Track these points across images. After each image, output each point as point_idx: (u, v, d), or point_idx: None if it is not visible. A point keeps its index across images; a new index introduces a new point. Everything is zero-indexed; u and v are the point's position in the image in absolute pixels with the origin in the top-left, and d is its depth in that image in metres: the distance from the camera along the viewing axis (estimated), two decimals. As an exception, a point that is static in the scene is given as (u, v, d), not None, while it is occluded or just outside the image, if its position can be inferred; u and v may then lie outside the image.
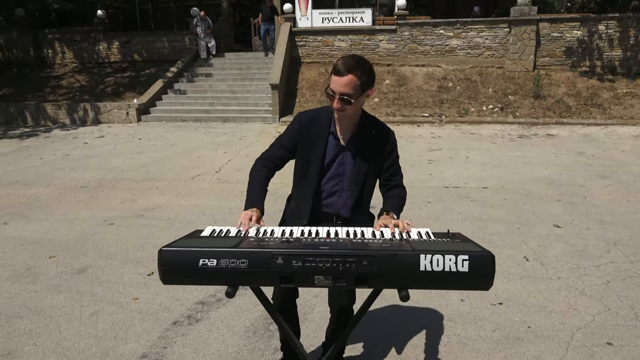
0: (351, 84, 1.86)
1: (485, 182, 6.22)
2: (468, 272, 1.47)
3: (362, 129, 2.05)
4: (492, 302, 3.18)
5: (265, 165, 2.10)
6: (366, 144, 2.04)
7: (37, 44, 16.06)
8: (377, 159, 2.07)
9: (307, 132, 2.06)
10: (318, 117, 2.07)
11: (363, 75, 1.87)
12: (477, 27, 13.19)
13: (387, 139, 2.07)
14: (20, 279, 3.64)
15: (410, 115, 11.69)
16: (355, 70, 1.86)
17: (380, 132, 2.07)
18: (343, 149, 2.05)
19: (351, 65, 1.86)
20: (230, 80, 13.58)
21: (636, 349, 2.65)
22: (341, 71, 1.86)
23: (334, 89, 1.88)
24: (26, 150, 9.14)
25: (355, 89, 1.87)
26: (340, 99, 1.89)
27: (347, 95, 1.87)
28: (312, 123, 2.07)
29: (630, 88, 12.05)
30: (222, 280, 1.54)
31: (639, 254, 3.90)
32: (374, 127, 2.06)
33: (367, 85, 1.91)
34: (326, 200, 2.09)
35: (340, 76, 1.86)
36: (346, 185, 2.07)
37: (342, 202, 2.09)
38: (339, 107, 1.91)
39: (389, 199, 2.07)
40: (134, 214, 5.17)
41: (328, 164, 2.06)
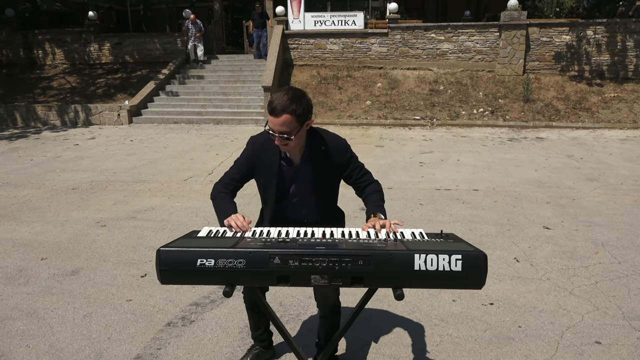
0: (287, 122, 1.89)
1: (476, 185, 6.29)
2: (461, 272, 1.51)
3: (311, 148, 2.09)
4: (483, 302, 3.23)
5: (226, 187, 2.15)
6: (318, 160, 2.09)
7: (27, 44, 15.93)
8: (334, 171, 2.13)
9: (259, 158, 2.12)
10: (269, 143, 2.08)
11: (298, 109, 1.89)
12: (467, 32, 13.32)
13: (338, 149, 2.12)
14: (12, 281, 3.62)
15: (401, 118, 11.76)
16: (290, 108, 1.88)
17: (331, 146, 2.11)
18: (297, 170, 2.11)
19: (285, 103, 1.88)
20: (222, 83, 13.57)
21: (624, 347, 2.70)
22: (276, 111, 1.88)
23: (273, 128, 1.92)
24: (16, 152, 9.06)
25: (293, 125, 1.90)
26: (279, 137, 1.92)
27: (285, 134, 1.91)
28: (263, 149, 2.11)
29: (618, 92, 12.25)
30: (220, 280, 1.57)
31: (626, 255, 3.98)
32: (323, 143, 2.10)
33: (304, 118, 1.94)
34: (293, 214, 2.19)
35: (275, 117, 1.89)
36: (308, 200, 2.15)
37: (308, 213, 2.18)
38: (280, 143, 1.96)
39: (368, 198, 2.14)
40: (126, 215, 5.16)
41: (287, 187, 2.14)
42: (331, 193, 2.21)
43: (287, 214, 2.20)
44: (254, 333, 2.56)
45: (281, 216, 2.20)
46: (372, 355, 2.67)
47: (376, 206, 2.06)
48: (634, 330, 2.87)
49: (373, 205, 2.07)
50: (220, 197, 2.11)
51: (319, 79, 13.46)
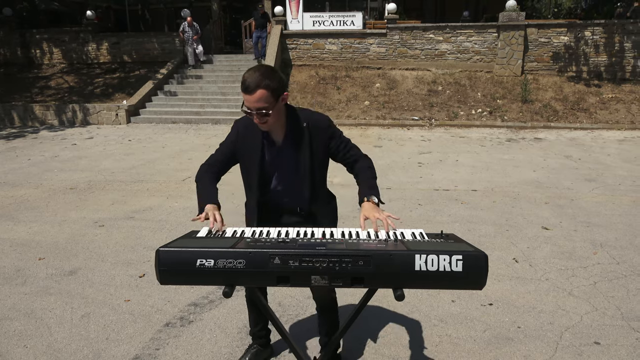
0: (263, 97, 1.86)
1: (474, 185, 6.30)
2: (462, 272, 1.51)
3: (292, 125, 2.06)
4: (482, 302, 3.23)
5: (210, 170, 2.14)
6: (300, 137, 2.06)
7: (25, 44, 15.89)
8: (319, 148, 2.09)
9: (243, 140, 2.10)
10: (252, 125, 2.07)
11: (272, 84, 1.87)
12: (466, 32, 13.34)
13: (320, 125, 2.09)
14: (10, 281, 3.60)
15: (400, 119, 11.77)
16: (263, 82, 1.85)
17: (312, 121, 2.08)
18: (280, 149, 2.08)
19: (258, 79, 1.85)
20: (220, 83, 13.56)
21: (623, 348, 2.70)
22: (250, 88, 1.85)
23: (249, 106, 1.89)
24: (13, 151, 9.03)
25: (269, 100, 1.88)
26: (257, 114, 1.90)
27: (263, 109, 1.88)
28: (248, 129, 2.09)
29: (616, 93, 12.28)
30: (220, 281, 1.56)
31: (625, 256, 3.98)
32: (304, 119, 2.07)
33: (279, 92, 1.91)
34: (282, 200, 2.15)
35: (250, 94, 1.86)
36: (293, 182, 2.10)
37: (298, 198, 2.13)
38: (259, 121, 1.93)
39: (359, 175, 2.11)
40: (124, 215, 5.14)
41: (270, 168, 2.10)
42: (319, 173, 2.14)
43: (273, 199, 2.14)
44: (253, 329, 2.55)
45: (266, 202, 2.14)
46: (371, 355, 2.66)
47: (368, 187, 2.02)
48: (633, 331, 2.87)
49: (365, 186, 2.04)
50: (203, 181, 2.09)
51: (318, 79, 13.46)
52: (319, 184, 2.15)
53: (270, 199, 2.15)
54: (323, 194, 2.21)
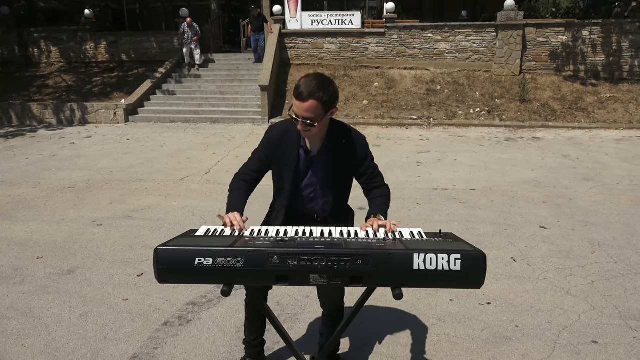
0: (312, 108, 1.86)
1: (473, 184, 6.30)
2: (460, 271, 1.51)
3: (331, 139, 2.06)
4: (480, 302, 3.23)
5: (244, 179, 2.14)
6: (336, 152, 2.07)
7: (23, 42, 15.84)
8: (349, 165, 2.10)
9: (278, 148, 2.09)
10: (288, 132, 2.08)
11: (325, 97, 1.87)
12: (464, 31, 13.34)
13: (357, 145, 2.10)
14: (7, 280, 3.60)
15: (398, 118, 11.77)
16: (317, 94, 1.85)
17: (351, 140, 2.09)
18: (314, 160, 2.09)
19: (312, 88, 1.85)
20: (219, 82, 13.54)
21: (620, 347, 2.71)
22: (303, 96, 1.85)
23: (297, 113, 1.88)
24: (11, 150, 9.01)
25: (318, 112, 1.88)
26: (303, 123, 1.90)
27: (310, 120, 1.88)
28: (282, 138, 2.09)
29: (614, 93, 12.30)
30: (218, 279, 1.56)
31: (622, 255, 3.99)
32: (343, 135, 2.08)
33: (330, 105, 1.91)
34: (304, 207, 2.16)
35: (301, 101, 1.85)
36: (321, 193, 2.12)
37: (320, 208, 2.15)
38: (303, 129, 1.93)
39: (374, 200, 2.12)
40: (122, 214, 5.13)
41: (302, 176, 2.10)
42: (344, 188, 2.17)
43: (299, 206, 2.16)
44: (248, 337, 2.48)
45: (293, 208, 2.16)
46: (369, 355, 2.67)
47: (379, 209, 2.04)
48: (631, 330, 2.88)
49: (376, 207, 2.06)
50: (233, 192, 2.10)
51: (316, 78, 13.43)
52: (341, 197, 2.18)
53: (296, 205, 2.16)
54: (343, 207, 2.24)
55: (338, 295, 2.34)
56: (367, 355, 2.66)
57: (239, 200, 2.06)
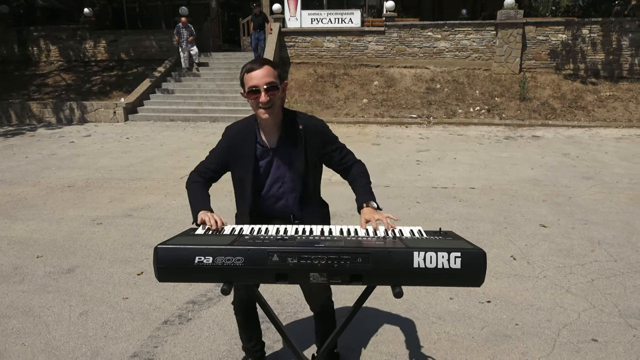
0: (270, 73, 1.90)
1: (472, 183, 6.30)
2: (460, 269, 1.51)
3: (288, 127, 2.03)
4: (480, 300, 3.23)
5: (200, 176, 2.10)
6: (295, 140, 2.02)
7: (22, 41, 15.81)
8: (313, 153, 2.05)
9: (236, 147, 2.06)
10: (245, 130, 2.06)
11: (275, 67, 1.94)
12: (464, 30, 13.33)
13: (316, 129, 2.07)
14: (7, 279, 3.60)
15: (398, 117, 11.77)
16: (268, 62, 1.92)
17: (308, 125, 2.05)
18: (274, 153, 2.03)
19: (260, 60, 1.93)
20: (218, 80, 13.53)
21: (620, 345, 2.72)
22: (255, 66, 1.89)
23: (257, 83, 1.88)
24: (11, 149, 9.01)
25: (276, 77, 1.92)
26: (266, 89, 1.88)
27: (272, 84, 1.89)
28: (240, 137, 2.06)
29: (613, 91, 12.30)
30: (218, 278, 1.56)
31: (622, 253, 4.00)
32: (299, 122, 2.04)
33: (282, 77, 1.97)
34: (275, 206, 2.10)
35: (258, 69, 1.88)
36: (289, 186, 2.06)
37: (292, 203, 2.08)
38: (267, 99, 1.89)
39: (355, 182, 2.08)
40: (122, 213, 5.13)
41: (263, 173, 2.05)
42: (313, 179, 2.09)
43: (266, 205, 2.09)
44: (247, 345, 2.45)
45: (257, 211, 2.08)
46: (369, 353, 2.67)
47: (365, 192, 2.00)
48: (630, 328, 2.88)
49: (362, 191, 2.02)
50: (194, 188, 2.05)
51: (316, 77, 13.44)
52: (312, 189, 2.10)
53: (262, 206, 2.10)
54: (316, 200, 2.16)
55: (326, 294, 2.30)
56: (367, 353, 2.66)
57: (201, 196, 2.01)
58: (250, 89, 1.90)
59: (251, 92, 1.90)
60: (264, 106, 1.91)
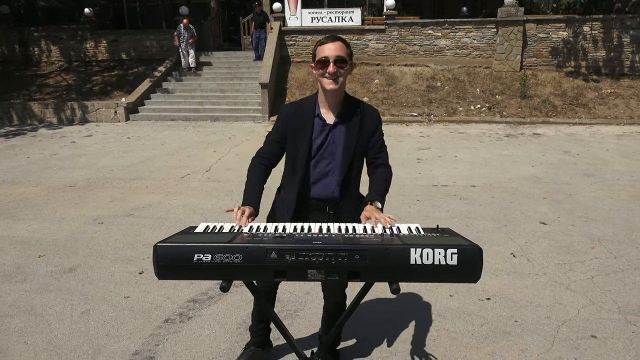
0: (342, 48, 1.97)
1: (473, 181, 6.31)
2: (457, 265, 1.52)
3: (347, 107, 2.10)
4: (480, 297, 3.24)
5: (262, 163, 2.13)
6: (353, 121, 2.09)
7: (23, 41, 15.84)
8: (364, 136, 2.11)
9: (293, 121, 2.10)
10: (302, 106, 2.13)
11: (348, 46, 2.01)
12: (465, 28, 13.32)
13: (372, 116, 2.14)
14: (9, 278, 3.62)
15: (399, 115, 11.77)
16: (341, 40, 2.00)
17: (365, 110, 2.13)
18: (332, 128, 2.08)
19: (335, 36, 2.01)
20: (219, 80, 13.54)
21: (619, 341, 2.72)
22: (329, 39, 1.97)
23: (327, 54, 1.95)
24: (12, 150, 9.03)
25: (346, 53, 1.98)
26: (335, 62, 1.94)
27: (342, 58, 1.95)
28: (296, 112, 2.11)
29: (614, 88, 12.27)
30: (217, 275, 1.57)
31: (622, 250, 4.00)
32: (358, 105, 2.12)
33: (351, 55, 2.02)
34: (317, 184, 2.11)
35: (331, 42, 1.96)
36: (338, 165, 2.09)
37: (335, 183, 2.10)
38: (334, 71, 1.95)
39: (374, 181, 2.10)
40: (123, 213, 5.15)
41: (318, 146, 2.09)
42: (357, 164, 2.13)
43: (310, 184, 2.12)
44: (256, 325, 2.49)
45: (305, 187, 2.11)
46: (369, 350, 2.68)
47: (377, 193, 2.04)
48: (629, 324, 2.89)
49: (374, 190, 2.05)
50: (249, 178, 2.09)
51: (316, 75, 13.42)
52: (355, 175, 2.14)
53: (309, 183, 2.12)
54: (355, 191, 2.17)
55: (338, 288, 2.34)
56: (367, 350, 2.68)
57: (254, 193, 2.04)
58: (320, 59, 1.97)
59: (320, 62, 1.97)
60: (331, 77, 1.98)
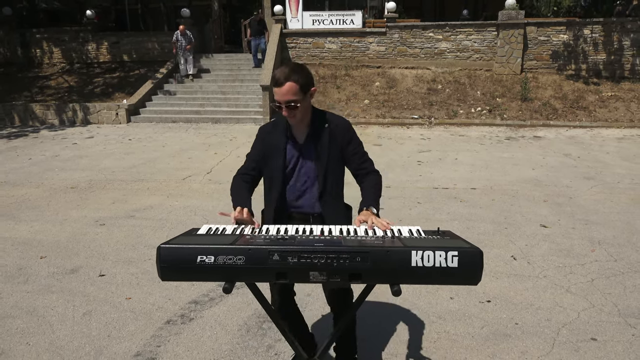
0: (292, 90, 1.97)
1: (473, 183, 6.32)
2: (457, 268, 1.53)
3: (316, 124, 2.15)
4: (480, 299, 3.25)
5: (243, 179, 2.20)
6: (322, 137, 2.13)
7: (25, 43, 15.89)
8: (336, 150, 2.15)
9: (268, 143, 2.18)
10: (276, 126, 2.19)
11: (300, 79, 1.99)
12: (465, 31, 13.34)
13: (341, 129, 2.17)
14: (12, 279, 3.63)
15: (400, 117, 11.78)
16: (292, 77, 1.97)
17: (335, 124, 2.16)
18: (302, 149, 2.15)
19: (287, 73, 1.97)
20: (220, 82, 13.57)
21: (619, 344, 2.73)
22: (280, 81, 1.96)
23: (278, 99, 2.00)
24: (14, 151, 9.06)
25: (297, 93, 1.98)
26: (286, 107, 1.99)
27: (292, 102, 1.98)
28: (271, 133, 2.19)
29: (615, 91, 12.29)
30: (220, 277, 1.58)
31: (622, 253, 4.01)
32: (327, 120, 2.16)
33: (307, 86, 2.03)
34: (298, 202, 2.19)
35: (280, 87, 1.97)
36: (313, 182, 2.16)
37: (314, 198, 2.17)
38: (288, 114, 2.02)
39: (365, 190, 2.15)
40: (125, 214, 5.17)
41: (292, 166, 2.16)
42: (336, 178, 2.18)
43: (289, 203, 2.18)
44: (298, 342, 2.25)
45: (283, 205, 2.17)
46: (370, 352, 2.69)
47: (371, 199, 2.07)
48: (629, 327, 2.90)
49: (367, 197, 2.09)
50: (235, 189, 2.16)
51: (317, 78, 13.46)
52: (333, 186, 2.18)
53: (287, 201, 2.18)
54: (337, 200, 2.22)
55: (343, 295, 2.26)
56: (368, 352, 2.69)
57: (244, 195, 2.11)
58: (274, 102, 2.04)
59: (275, 105, 2.04)
60: (287, 117, 2.06)
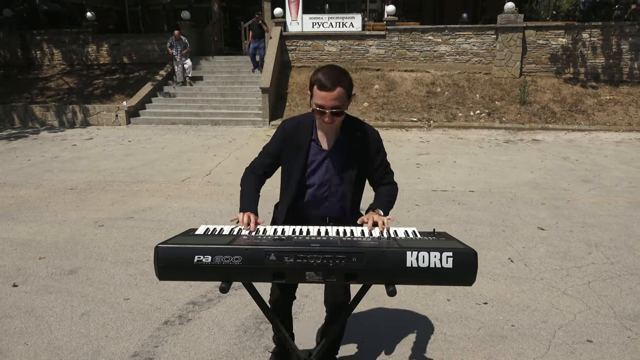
0: (340, 96, 1.87)
1: (472, 186, 6.34)
2: (452, 268, 1.55)
3: (346, 131, 2.03)
4: (477, 301, 3.27)
5: (254, 172, 2.13)
6: (351, 146, 2.03)
7: (25, 45, 15.91)
8: (364, 161, 2.06)
9: (290, 141, 2.06)
10: (301, 125, 2.07)
11: (347, 83, 1.89)
12: (465, 34, 13.39)
13: (372, 139, 2.07)
14: (10, 280, 3.64)
15: (399, 120, 11.81)
16: (342, 82, 1.87)
17: (365, 133, 2.06)
18: (328, 155, 2.04)
19: (336, 77, 1.86)
20: (220, 84, 13.59)
21: (615, 346, 2.75)
22: (328, 86, 1.84)
23: (324, 104, 1.87)
24: (14, 152, 9.07)
25: (344, 100, 1.89)
26: (331, 113, 1.88)
27: (337, 108, 1.88)
28: (295, 131, 2.07)
29: (613, 95, 12.33)
30: (217, 276, 1.60)
31: (619, 256, 4.03)
32: (357, 128, 2.05)
33: (351, 92, 1.94)
34: (315, 210, 2.09)
35: (329, 91, 1.85)
36: (335, 190, 2.06)
37: (334, 207, 2.09)
38: (330, 119, 1.90)
39: (379, 195, 2.11)
40: (124, 215, 5.18)
41: (312, 171, 2.05)
42: (358, 189, 2.09)
43: (307, 209, 2.08)
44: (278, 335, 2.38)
45: (296, 209, 2.08)
46: (366, 354, 2.70)
47: (381, 203, 2.03)
48: (625, 329, 2.91)
49: (380, 201, 2.05)
50: (245, 186, 2.08)
51: (317, 80, 13.47)
52: (355, 196, 2.10)
53: (303, 207, 2.10)
54: (355, 212, 2.12)
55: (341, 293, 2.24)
56: (364, 353, 2.70)
57: (251, 199, 2.03)
58: (317, 105, 1.90)
59: (317, 106, 1.90)
60: (327, 123, 1.93)
